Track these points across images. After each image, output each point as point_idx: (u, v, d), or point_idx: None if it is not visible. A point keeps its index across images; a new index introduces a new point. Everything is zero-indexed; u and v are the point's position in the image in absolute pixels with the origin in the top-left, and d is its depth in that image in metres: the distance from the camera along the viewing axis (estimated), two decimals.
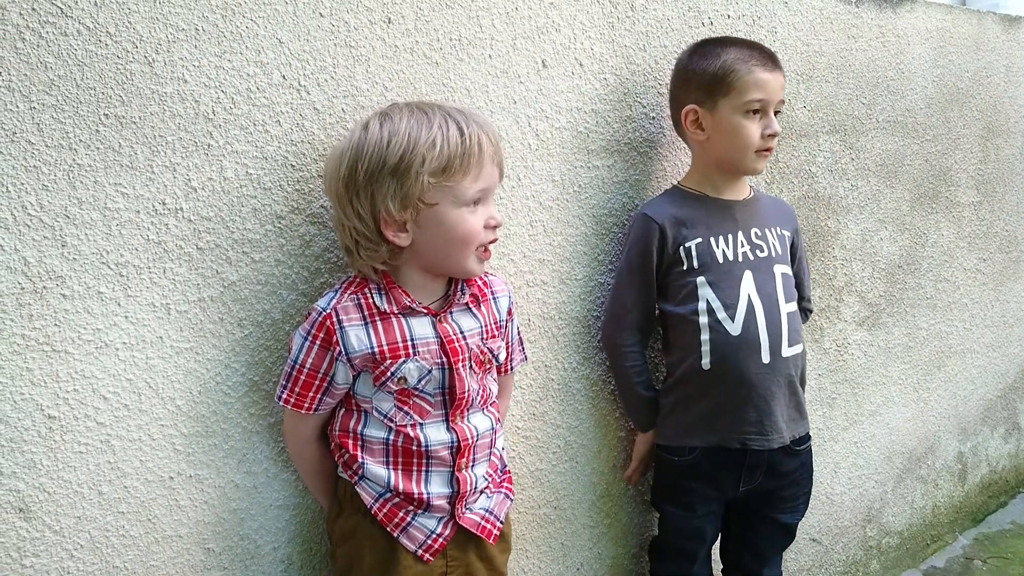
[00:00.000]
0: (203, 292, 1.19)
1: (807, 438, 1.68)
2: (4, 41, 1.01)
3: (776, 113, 1.55)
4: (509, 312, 1.36)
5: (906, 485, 2.48)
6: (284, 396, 1.22)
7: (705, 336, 1.54)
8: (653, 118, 1.69)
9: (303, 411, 1.22)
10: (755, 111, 1.51)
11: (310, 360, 1.20)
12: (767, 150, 1.55)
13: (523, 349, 1.45)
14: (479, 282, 1.33)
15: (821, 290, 2.11)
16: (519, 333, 1.43)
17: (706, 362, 1.55)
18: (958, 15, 2.36)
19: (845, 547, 2.32)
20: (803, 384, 1.67)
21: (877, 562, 2.43)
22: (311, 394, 1.21)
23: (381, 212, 1.16)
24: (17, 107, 1.03)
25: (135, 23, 1.09)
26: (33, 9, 1.02)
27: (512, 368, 1.42)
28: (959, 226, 2.49)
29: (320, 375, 1.21)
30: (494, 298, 1.34)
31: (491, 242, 1.24)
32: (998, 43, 2.50)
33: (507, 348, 1.38)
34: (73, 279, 1.09)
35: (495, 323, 1.32)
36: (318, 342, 1.19)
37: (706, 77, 1.51)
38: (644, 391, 1.62)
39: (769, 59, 1.53)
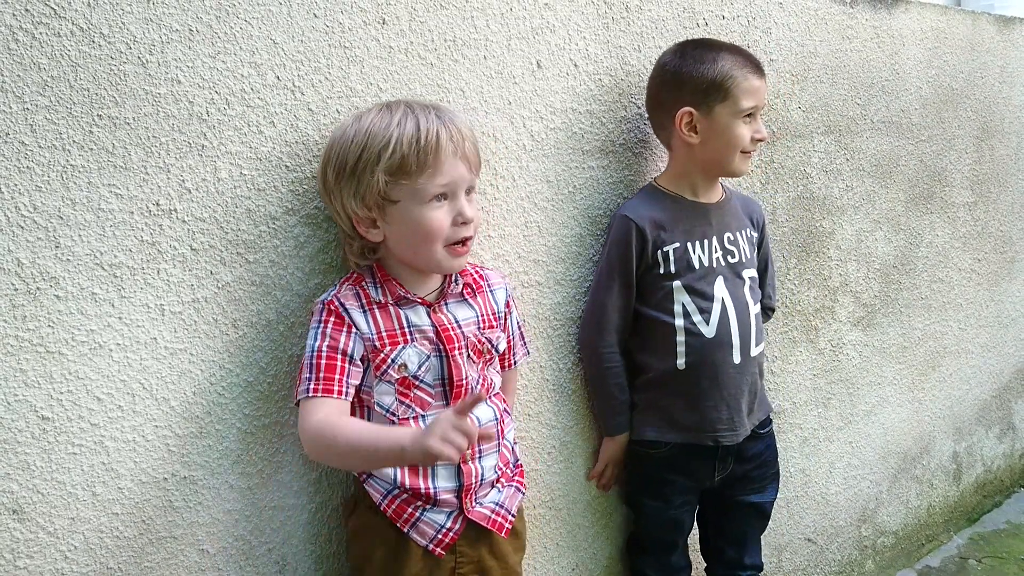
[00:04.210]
0: (197, 293, 1.19)
1: (769, 421, 1.75)
2: None
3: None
4: (507, 305, 1.38)
5: (901, 485, 2.49)
6: (311, 388, 1.17)
7: (681, 338, 1.58)
8: (647, 119, 1.69)
9: (334, 396, 1.17)
10: (748, 116, 1.55)
11: (327, 342, 1.19)
12: (750, 152, 1.59)
13: (525, 344, 1.45)
14: (474, 274, 1.34)
15: (816, 290, 2.12)
16: (520, 327, 1.43)
17: (681, 363, 1.58)
18: (953, 16, 2.37)
19: (840, 547, 2.32)
20: (762, 375, 1.72)
21: (872, 562, 2.43)
22: (337, 376, 1.19)
23: (349, 209, 1.20)
24: (10, 108, 1.03)
25: (129, 24, 1.09)
26: (26, 10, 1.02)
27: (515, 363, 1.43)
28: (954, 226, 2.50)
29: (340, 354, 1.19)
30: (491, 290, 1.35)
31: (462, 239, 1.22)
32: (993, 44, 2.51)
33: (508, 345, 1.39)
34: (67, 280, 1.09)
35: (492, 314, 1.33)
36: (331, 323, 1.20)
37: (704, 82, 1.52)
38: (620, 394, 1.64)
39: (758, 66, 1.57)
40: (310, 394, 1.18)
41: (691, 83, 1.53)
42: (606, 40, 1.61)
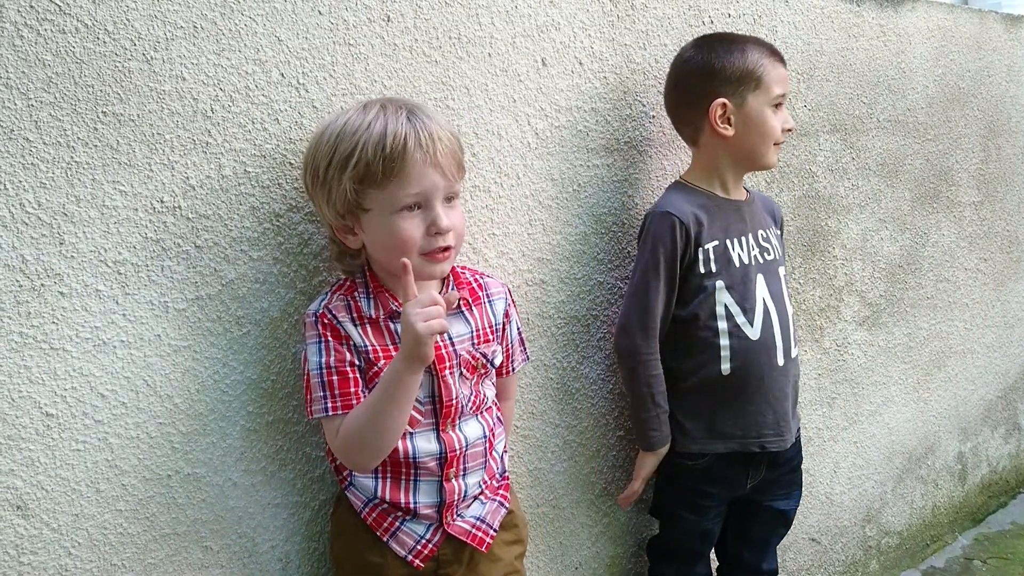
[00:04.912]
0: (201, 290, 1.19)
1: (799, 427, 1.73)
2: (2, 38, 1.01)
3: None
4: (506, 314, 1.33)
5: (906, 485, 2.48)
6: (330, 406, 1.16)
7: (725, 342, 1.53)
8: (653, 117, 1.68)
9: (353, 411, 1.16)
10: (777, 105, 1.54)
11: (333, 356, 1.17)
12: (780, 144, 1.57)
13: (524, 349, 1.42)
14: (473, 282, 1.31)
15: (821, 290, 2.11)
16: (519, 332, 1.40)
17: (726, 368, 1.53)
18: (960, 14, 2.36)
19: (844, 547, 2.32)
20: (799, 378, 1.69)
21: (876, 562, 2.43)
22: (352, 390, 1.17)
23: (326, 215, 1.18)
24: (15, 104, 1.03)
25: (133, 20, 1.09)
26: (31, 6, 1.02)
27: (514, 369, 1.40)
28: (960, 226, 2.49)
29: (349, 366, 1.17)
30: (489, 300, 1.31)
31: (439, 249, 1.17)
32: (1000, 42, 2.49)
33: (506, 351, 1.35)
34: (71, 277, 1.09)
35: (489, 326, 1.29)
36: (330, 337, 1.17)
37: (736, 72, 1.50)
38: (664, 404, 1.56)
39: (780, 54, 1.56)
40: (329, 413, 1.17)
41: (723, 74, 1.51)
42: (611, 38, 1.60)
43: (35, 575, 1.11)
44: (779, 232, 1.70)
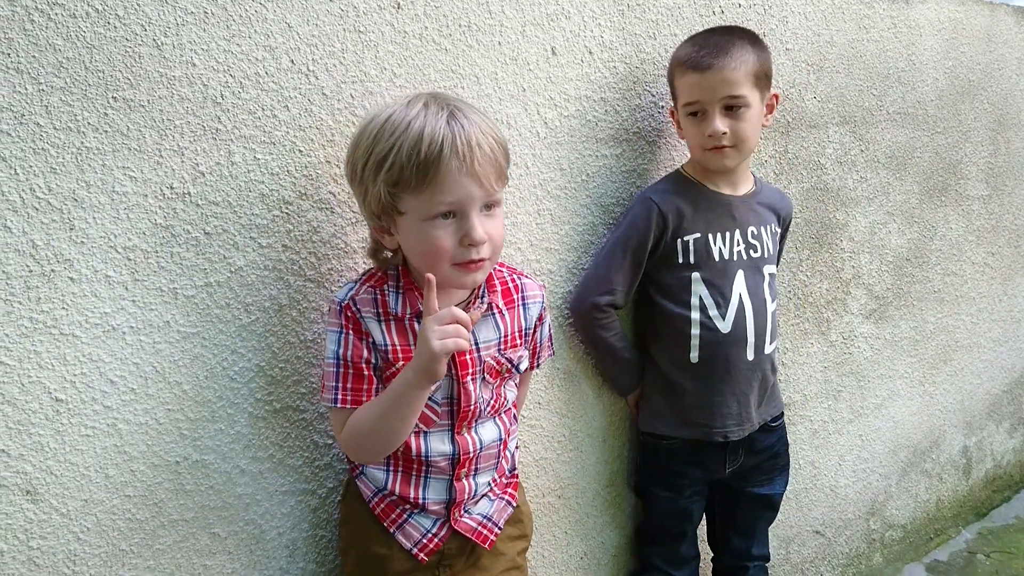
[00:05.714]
0: (210, 277, 1.19)
1: (781, 415, 1.73)
2: (13, 22, 1.01)
3: (732, 108, 1.47)
4: (539, 318, 1.31)
5: (910, 479, 2.48)
6: (339, 398, 1.16)
7: (695, 331, 1.56)
8: (662, 107, 1.68)
9: (363, 406, 1.17)
10: (694, 113, 1.51)
11: (351, 350, 1.16)
12: (720, 148, 1.50)
13: (551, 345, 1.40)
14: (510, 283, 1.28)
15: (828, 282, 2.11)
16: (550, 331, 1.38)
17: (694, 356, 1.57)
18: (971, 7, 2.34)
19: (848, 540, 2.32)
20: (775, 371, 1.69)
21: (880, 555, 2.43)
22: (366, 387, 1.17)
23: (364, 213, 1.17)
24: (26, 89, 1.02)
25: (144, 5, 1.09)
26: None
27: (538, 365, 1.38)
28: (968, 220, 2.48)
29: (365, 363, 1.17)
30: (524, 304, 1.28)
31: (471, 260, 1.11)
32: (1011, 35, 2.48)
33: (534, 351, 1.34)
34: (81, 262, 1.09)
35: (519, 331, 1.27)
36: (351, 330, 1.17)
37: (668, 78, 1.57)
38: (629, 355, 1.62)
39: (708, 55, 1.45)
40: (338, 405, 1.17)
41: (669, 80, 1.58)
42: (621, 27, 1.59)
43: (44, 560, 1.11)
44: (780, 231, 1.69)
